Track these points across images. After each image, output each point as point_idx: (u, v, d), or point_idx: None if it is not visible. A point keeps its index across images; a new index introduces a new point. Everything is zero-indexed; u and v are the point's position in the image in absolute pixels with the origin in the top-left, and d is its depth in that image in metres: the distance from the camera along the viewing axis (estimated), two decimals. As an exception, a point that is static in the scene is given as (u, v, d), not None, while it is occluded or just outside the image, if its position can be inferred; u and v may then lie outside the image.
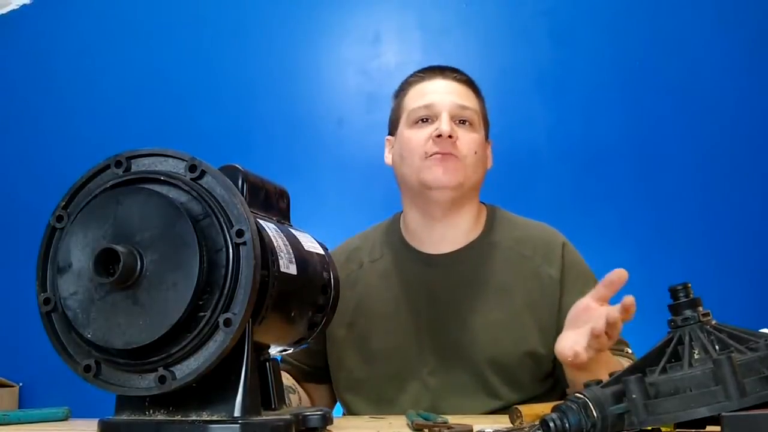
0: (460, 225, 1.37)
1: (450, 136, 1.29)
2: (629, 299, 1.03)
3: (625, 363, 1.25)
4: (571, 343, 1.08)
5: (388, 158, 1.43)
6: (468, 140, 1.32)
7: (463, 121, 1.34)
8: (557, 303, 1.32)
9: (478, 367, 1.29)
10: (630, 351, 1.31)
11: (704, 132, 2.21)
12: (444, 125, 1.30)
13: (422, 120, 1.34)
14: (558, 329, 1.31)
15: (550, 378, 1.34)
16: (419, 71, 1.42)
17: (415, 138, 1.33)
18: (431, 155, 1.30)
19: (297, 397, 1.34)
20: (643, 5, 2.29)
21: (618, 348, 1.31)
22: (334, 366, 1.39)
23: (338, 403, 1.44)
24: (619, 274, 1.08)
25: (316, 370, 1.41)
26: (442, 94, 1.35)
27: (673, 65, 2.25)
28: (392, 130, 1.42)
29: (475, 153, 1.33)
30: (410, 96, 1.38)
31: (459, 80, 1.38)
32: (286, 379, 1.34)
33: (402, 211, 1.44)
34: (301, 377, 1.41)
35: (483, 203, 1.44)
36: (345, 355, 1.37)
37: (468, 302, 1.33)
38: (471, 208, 1.38)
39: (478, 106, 1.38)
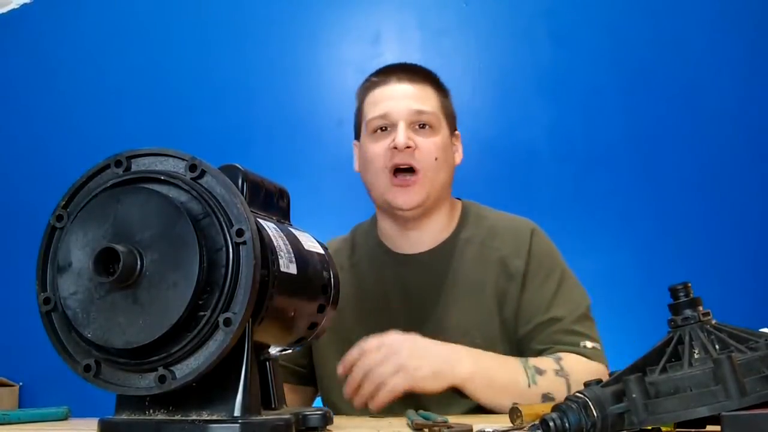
0: (433, 227, 1.37)
1: (409, 146, 1.28)
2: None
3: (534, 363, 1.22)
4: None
5: (356, 165, 1.42)
6: (427, 147, 1.30)
7: (422, 126, 1.31)
8: (517, 297, 1.31)
9: None
10: (590, 345, 1.27)
11: (704, 132, 2.21)
12: (400, 137, 1.27)
13: (381, 129, 1.32)
14: (516, 323, 1.30)
15: None
16: (375, 74, 1.39)
17: (375, 150, 1.32)
18: (391, 169, 1.29)
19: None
20: (643, 5, 2.29)
21: (570, 342, 1.27)
22: (320, 369, 1.40)
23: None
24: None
25: (307, 371, 1.42)
26: (397, 101, 1.31)
27: (674, 65, 2.25)
28: (357, 134, 1.42)
29: (436, 159, 1.30)
30: (367, 103, 1.36)
31: (415, 81, 1.34)
32: None
33: (374, 214, 1.44)
34: (296, 379, 1.42)
35: (459, 199, 1.43)
36: (328, 358, 1.37)
37: (442, 300, 1.33)
38: (442, 209, 1.37)
39: (437, 105, 1.34)
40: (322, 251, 0.94)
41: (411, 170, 1.29)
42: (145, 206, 0.72)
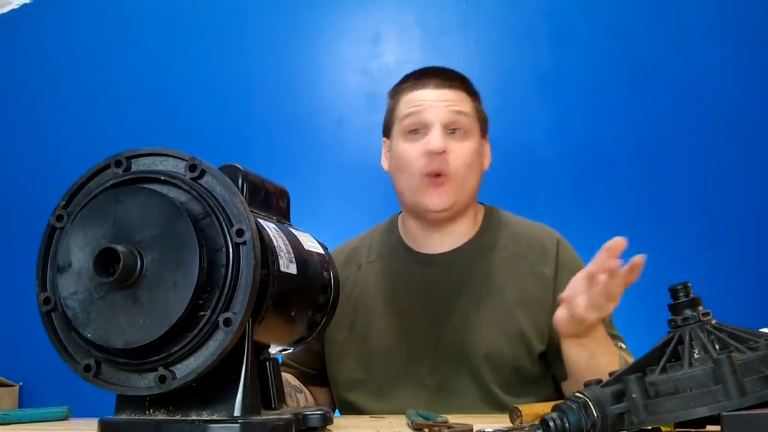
0: (457, 230, 1.39)
1: (443, 151, 1.28)
2: (639, 257, 1.06)
3: (624, 355, 1.24)
4: (569, 305, 1.09)
5: (385, 164, 1.43)
6: (459, 153, 1.31)
7: (454, 130, 1.32)
8: (551, 302, 1.32)
9: (474, 366, 1.30)
10: (624, 346, 1.31)
11: (704, 132, 2.21)
12: (435, 141, 1.28)
13: (414, 131, 1.33)
14: (551, 328, 1.32)
15: (545, 376, 1.34)
16: (411, 76, 1.39)
17: (409, 153, 1.32)
18: (426, 174, 1.30)
19: (303, 397, 1.35)
20: (643, 5, 2.29)
21: (614, 336, 1.31)
22: (334, 367, 1.39)
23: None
24: (617, 242, 1.07)
25: (319, 374, 1.42)
26: (433, 103, 1.32)
27: (674, 65, 2.25)
28: (386, 132, 1.42)
29: (468, 165, 1.31)
30: (402, 104, 1.36)
31: (451, 86, 1.35)
32: (293, 380, 1.35)
33: (401, 212, 1.44)
34: (305, 380, 1.41)
35: (481, 203, 1.44)
36: (345, 356, 1.37)
37: (463, 301, 1.33)
38: (468, 213, 1.39)
39: (472, 109, 1.35)
40: (322, 251, 0.94)
41: (442, 177, 1.30)
42: (145, 206, 0.72)
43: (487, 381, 1.29)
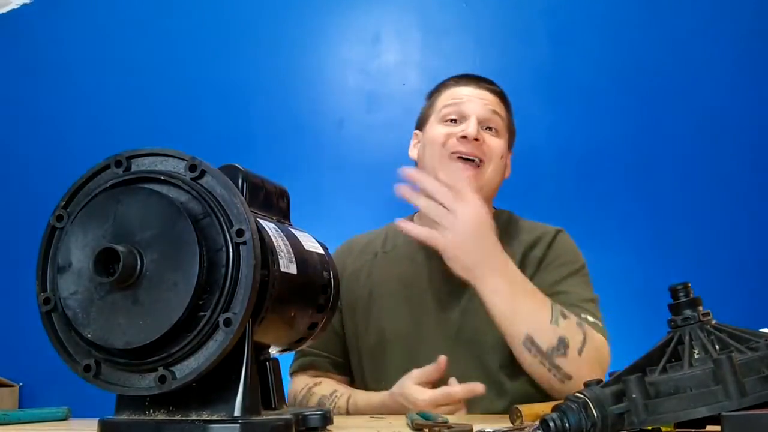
0: None
1: (477, 139, 1.35)
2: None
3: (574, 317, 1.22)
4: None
5: (412, 152, 1.50)
6: (494, 144, 1.38)
7: (489, 128, 1.40)
8: (530, 278, 1.32)
9: (480, 354, 1.34)
10: (591, 319, 1.27)
11: (704, 133, 2.21)
12: (471, 128, 1.35)
13: (452, 120, 1.40)
14: None
15: None
16: (455, 77, 1.48)
17: (443, 134, 1.38)
18: (454, 153, 1.36)
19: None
20: (643, 6, 2.29)
21: (579, 306, 1.28)
22: (355, 355, 1.44)
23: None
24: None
25: (347, 362, 1.47)
26: (472, 98, 1.41)
27: (673, 66, 2.25)
28: (420, 125, 1.49)
29: (501, 158, 1.39)
30: (443, 98, 1.44)
31: (491, 90, 1.44)
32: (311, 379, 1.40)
33: (417, 212, 1.48)
34: (335, 370, 1.45)
35: (495, 208, 1.49)
36: (364, 343, 1.42)
37: (469, 290, 1.35)
38: None
39: (505, 116, 1.44)
40: (322, 251, 0.94)
41: (474, 162, 1.36)
42: (145, 206, 0.72)
43: (492, 369, 1.33)
